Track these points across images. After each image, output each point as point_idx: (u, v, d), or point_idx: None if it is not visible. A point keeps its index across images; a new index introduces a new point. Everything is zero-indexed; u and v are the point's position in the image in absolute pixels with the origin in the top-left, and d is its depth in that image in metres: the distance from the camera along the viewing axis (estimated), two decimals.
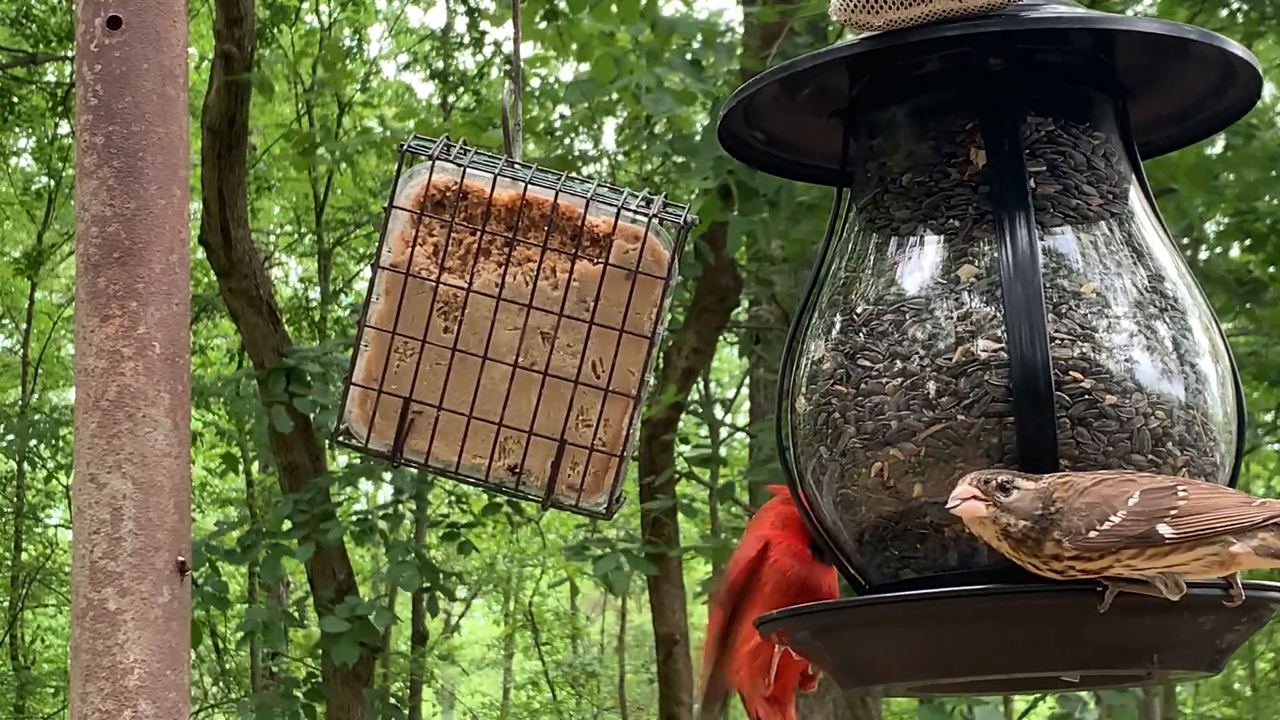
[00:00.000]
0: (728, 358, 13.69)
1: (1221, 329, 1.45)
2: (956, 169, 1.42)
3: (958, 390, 1.35)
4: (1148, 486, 1.26)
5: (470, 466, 1.45)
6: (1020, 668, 1.36)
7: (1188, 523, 1.23)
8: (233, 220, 7.39)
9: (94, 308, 1.57)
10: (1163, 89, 1.50)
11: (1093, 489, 1.26)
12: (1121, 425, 1.33)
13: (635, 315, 1.42)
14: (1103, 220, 1.40)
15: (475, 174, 1.43)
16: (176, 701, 1.53)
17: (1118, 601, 1.25)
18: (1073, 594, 1.27)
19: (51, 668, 13.72)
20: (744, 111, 1.52)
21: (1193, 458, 1.35)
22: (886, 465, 1.38)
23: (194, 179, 7.17)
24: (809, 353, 1.47)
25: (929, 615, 1.33)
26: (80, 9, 1.62)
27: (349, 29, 11.68)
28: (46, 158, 11.93)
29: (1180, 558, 1.23)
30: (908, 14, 1.35)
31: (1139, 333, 1.36)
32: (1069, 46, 1.44)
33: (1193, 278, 1.45)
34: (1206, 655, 1.34)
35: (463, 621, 16.49)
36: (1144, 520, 1.23)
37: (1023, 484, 1.27)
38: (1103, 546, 1.24)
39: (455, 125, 7.35)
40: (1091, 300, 1.36)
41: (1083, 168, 1.41)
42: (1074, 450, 1.32)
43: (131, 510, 1.53)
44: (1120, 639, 1.30)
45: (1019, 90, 1.42)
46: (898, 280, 1.42)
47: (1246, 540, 1.23)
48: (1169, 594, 1.24)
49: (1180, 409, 1.35)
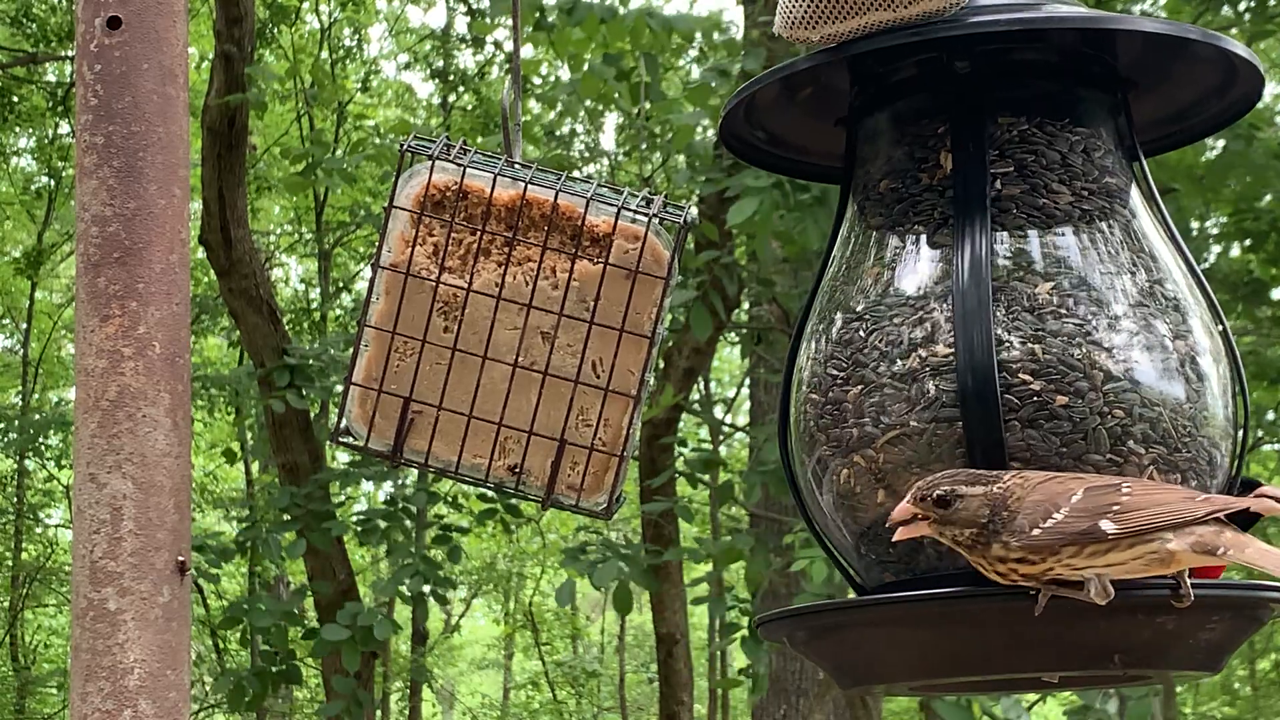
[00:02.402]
0: (728, 358, 13.69)
1: (1225, 327, 1.43)
2: (927, 174, 1.43)
3: (910, 396, 1.36)
4: (1092, 484, 1.25)
5: (470, 466, 1.45)
6: (997, 669, 1.35)
7: (1129, 518, 1.23)
8: (233, 220, 7.39)
9: (94, 308, 1.57)
10: (1163, 88, 1.50)
11: (1041, 486, 1.26)
12: (1074, 426, 1.32)
13: (635, 315, 1.42)
14: (1072, 217, 1.39)
15: (475, 174, 1.43)
16: (176, 701, 1.53)
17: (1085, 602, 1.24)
18: (1016, 598, 1.27)
19: (51, 668, 13.73)
20: (745, 111, 1.53)
21: (1161, 455, 1.34)
22: (852, 473, 1.40)
23: (194, 179, 7.17)
24: (800, 359, 1.49)
25: (898, 620, 1.33)
26: (80, 9, 1.62)
27: (349, 29, 11.68)
28: (46, 158, 11.94)
29: (1120, 555, 1.23)
30: (843, 27, 1.37)
31: (1098, 330, 1.34)
32: (1044, 44, 1.44)
33: (1194, 274, 1.44)
34: (1189, 656, 1.32)
35: (463, 621, 16.49)
36: (1086, 516, 1.23)
37: (967, 491, 1.27)
38: (1047, 544, 1.23)
39: (455, 126, 7.35)
40: (1046, 301, 1.35)
41: (1055, 166, 1.40)
42: (1025, 452, 1.32)
43: (131, 510, 1.53)
44: (1084, 640, 1.29)
45: (989, 91, 1.41)
46: (867, 288, 1.44)
47: (1183, 537, 1.22)
48: (1097, 598, 1.23)
49: (1142, 406, 1.33)
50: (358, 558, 11.10)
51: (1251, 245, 5.86)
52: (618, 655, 15.25)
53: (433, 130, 8.44)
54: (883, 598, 1.38)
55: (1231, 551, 1.22)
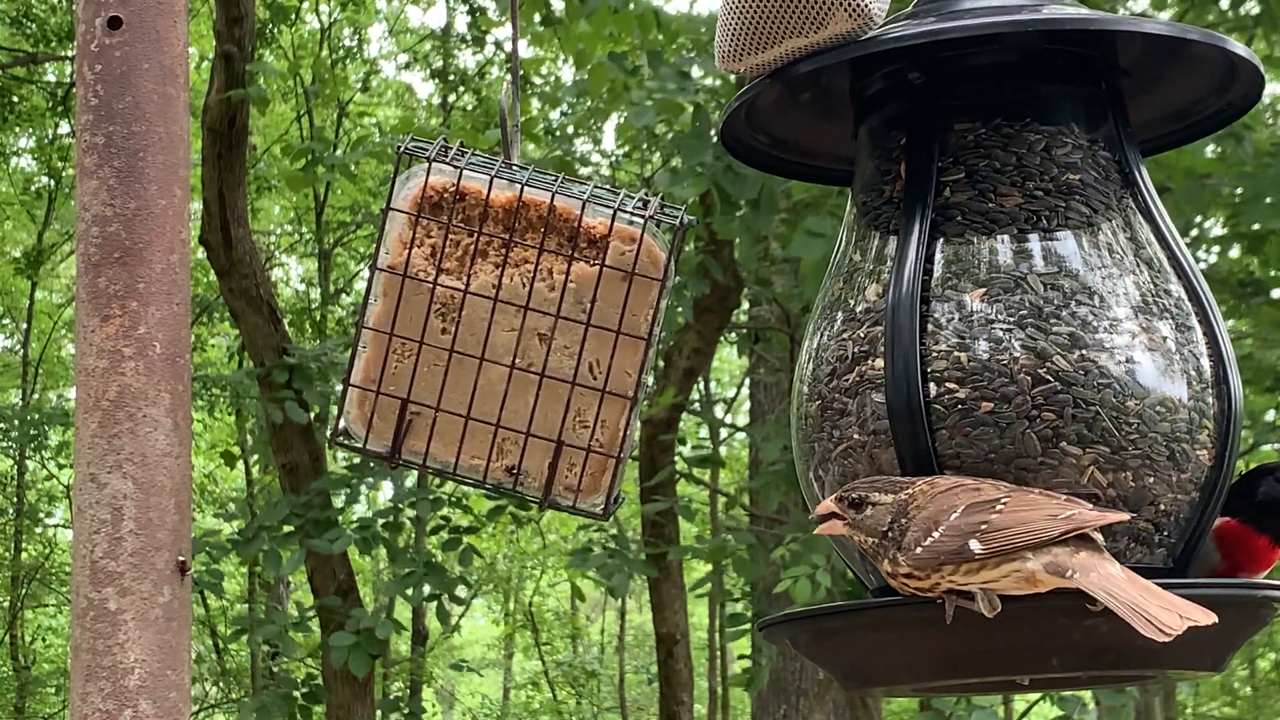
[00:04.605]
0: (728, 358, 13.69)
1: (1218, 323, 1.41)
2: (889, 186, 1.44)
3: (851, 410, 1.37)
4: (972, 500, 1.24)
5: (468, 467, 1.45)
6: (999, 671, 1.36)
7: (993, 538, 1.22)
8: (233, 220, 7.39)
9: (94, 308, 1.57)
10: (1161, 86, 1.49)
11: (939, 497, 1.26)
12: (1001, 431, 1.32)
13: (631, 317, 1.42)
14: (1017, 220, 1.38)
15: (472, 175, 1.43)
16: (176, 701, 1.53)
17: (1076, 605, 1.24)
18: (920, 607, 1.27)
19: (52, 668, 13.72)
20: (746, 114, 1.53)
21: (1103, 454, 1.32)
22: (822, 486, 1.43)
23: (194, 179, 7.17)
24: (797, 368, 1.51)
25: (900, 623, 1.33)
26: (81, 9, 1.62)
27: (349, 29, 11.68)
28: (46, 158, 11.93)
29: (991, 574, 1.22)
30: (767, 56, 1.42)
31: (1027, 332, 1.33)
32: (1000, 47, 1.43)
33: (1191, 270, 1.42)
34: (1184, 655, 1.31)
35: (463, 621, 16.49)
36: (958, 536, 1.23)
37: (878, 498, 1.28)
38: (926, 561, 1.24)
39: (455, 126, 7.35)
40: (976, 307, 1.35)
41: (1009, 168, 1.39)
42: (955, 460, 1.32)
43: (132, 510, 1.53)
44: (1077, 642, 1.29)
45: (945, 99, 1.42)
46: (834, 303, 1.45)
47: (1040, 557, 1.21)
48: (986, 610, 1.23)
49: (1075, 407, 1.32)
50: (358, 558, 11.10)
51: (1249, 247, 5.85)
52: (618, 655, 15.25)
53: (433, 130, 8.43)
54: (884, 601, 1.38)
55: (1078, 575, 1.20)
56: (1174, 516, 1.36)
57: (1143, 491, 1.33)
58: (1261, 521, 1.46)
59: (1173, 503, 1.35)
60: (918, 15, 1.44)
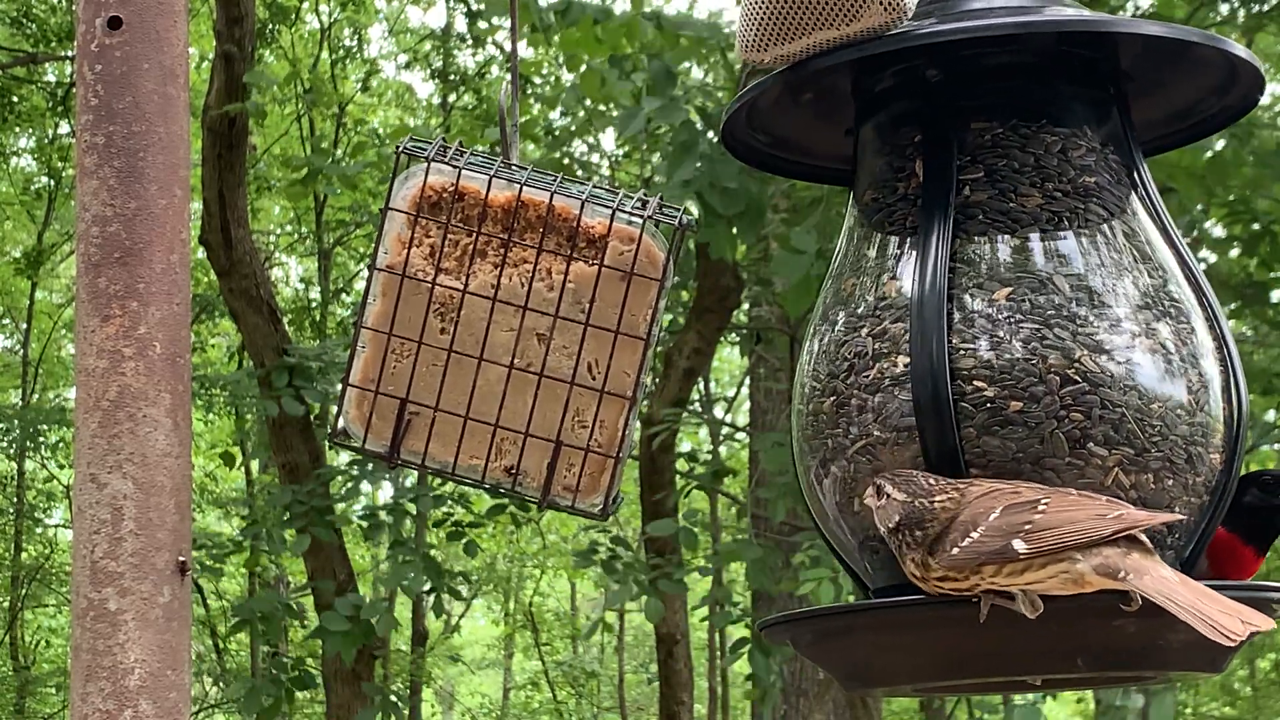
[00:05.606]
0: (728, 358, 13.69)
1: (1221, 324, 1.41)
2: (903, 183, 1.43)
3: (873, 406, 1.36)
4: (1011, 501, 1.24)
5: (467, 467, 1.45)
6: (999, 671, 1.35)
7: (1039, 538, 1.21)
8: (233, 220, 7.40)
9: (94, 308, 1.57)
10: (1162, 88, 1.50)
11: (977, 501, 1.25)
12: (1030, 431, 1.31)
13: (630, 317, 1.42)
14: (1039, 220, 1.39)
15: (471, 175, 1.43)
16: (177, 701, 1.53)
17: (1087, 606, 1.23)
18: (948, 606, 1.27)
19: (52, 668, 13.72)
20: (747, 114, 1.53)
21: (1127, 456, 1.32)
22: (833, 483, 1.42)
23: (194, 179, 7.17)
24: (799, 368, 1.50)
25: (901, 623, 1.33)
26: (81, 9, 1.62)
27: (349, 29, 11.68)
28: (46, 158, 11.93)
29: (1036, 575, 1.21)
30: (793, 48, 1.39)
31: (1056, 333, 1.33)
32: (1018, 47, 1.43)
33: (1188, 272, 1.42)
34: (1184, 657, 1.31)
35: (463, 621, 16.49)
36: (1000, 536, 1.22)
37: (893, 494, 1.28)
38: (964, 562, 1.23)
39: (455, 126, 7.35)
40: (1003, 306, 1.35)
41: (1028, 169, 1.40)
42: (982, 459, 1.32)
43: (132, 510, 1.53)
44: (1053, 645, 1.29)
45: (963, 98, 1.42)
46: (844, 300, 1.45)
47: (1090, 558, 1.20)
48: (1027, 611, 1.22)
49: (1103, 408, 1.32)
50: (358, 558, 11.10)
51: (1245, 247, 5.85)
52: (617, 655, 15.25)
53: (433, 130, 8.44)
54: (886, 602, 1.37)
55: (1131, 577, 1.19)
56: (1186, 519, 1.36)
57: (1162, 494, 1.33)
58: (1249, 531, 1.46)
59: (1185, 505, 1.35)
60: (925, 15, 1.44)
